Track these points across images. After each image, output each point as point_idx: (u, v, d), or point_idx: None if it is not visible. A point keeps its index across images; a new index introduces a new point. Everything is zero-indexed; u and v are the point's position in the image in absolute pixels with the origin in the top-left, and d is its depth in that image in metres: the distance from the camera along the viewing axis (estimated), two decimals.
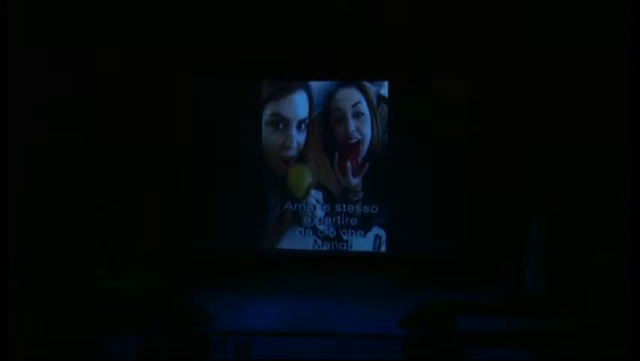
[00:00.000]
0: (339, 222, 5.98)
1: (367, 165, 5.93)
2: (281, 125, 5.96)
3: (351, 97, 5.92)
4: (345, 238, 5.98)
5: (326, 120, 5.94)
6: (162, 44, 5.76)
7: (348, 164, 5.94)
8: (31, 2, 5.29)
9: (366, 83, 5.91)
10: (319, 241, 5.99)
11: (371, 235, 5.97)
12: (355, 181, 5.95)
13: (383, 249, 5.97)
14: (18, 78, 4.40)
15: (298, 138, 5.95)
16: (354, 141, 5.93)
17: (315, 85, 5.93)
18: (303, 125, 5.95)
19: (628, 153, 4.13)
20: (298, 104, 5.95)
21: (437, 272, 5.65)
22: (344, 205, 5.97)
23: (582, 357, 3.90)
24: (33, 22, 5.32)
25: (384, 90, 5.89)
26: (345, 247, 5.98)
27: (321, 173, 5.97)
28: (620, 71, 4.51)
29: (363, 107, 5.91)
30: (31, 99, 5.29)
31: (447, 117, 5.79)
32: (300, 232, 6.00)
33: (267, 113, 5.97)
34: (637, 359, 3.54)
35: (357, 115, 5.92)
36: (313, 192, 5.98)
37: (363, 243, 5.97)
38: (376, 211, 5.95)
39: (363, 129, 5.92)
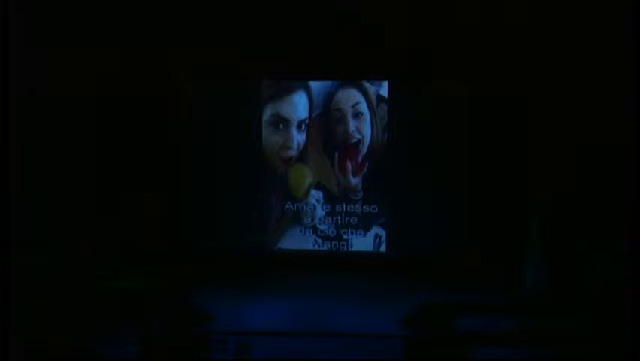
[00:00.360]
0: (339, 221, 5.98)
1: (367, 164, 5.93)
2: (281, 126, 5.96)
3: (350, 97, 5.92)
4: (345, 237, 5.98)
5: (326, 120, 5.94)
6: (162, 44, 5.77)
7: (348, 164, 5.94)
8: (31, 2, 5.30)
9: (366, 84, 5.91)
10: (319, 241, 5.99)
11: (371, 234, 5.97)
12: (355, 181, 5.95)
13: (383, 248, 5.96)
14: (18, 78, 4.40)
15: (298, 138, 5.96)
16: (353, 141, 5.93)
17: (315, 85, 5.93)
18: (304, 126, 5.95)
19: (628, 153, 4.14)
20: (298, 105, 5.95)
21: (437, 272, 5.64)
22: (344, 205, 5.96)
23: (582, 357, 3.90)
24: (33, 22, 5.33)
25: (384, 90, 5.89)
26: (345, 247, 5.98)
27: (321, 173, 5.97)
28: (620, 71, 4.52)
29: (363, 107, 5.91)
30: (31, 99, 5.30)
31: (447, 117, 5.79)
32: (301, 232, 6.00)
33: (267, 113, 5.97)
34: (637, 359, 3.54)
35: (357, 115, 5.92)
36: (313, 191, 5.98)
37: (363, 242, 5.97)
38: (376, 211, 5.95)
39: (363, 129, 5.92)
